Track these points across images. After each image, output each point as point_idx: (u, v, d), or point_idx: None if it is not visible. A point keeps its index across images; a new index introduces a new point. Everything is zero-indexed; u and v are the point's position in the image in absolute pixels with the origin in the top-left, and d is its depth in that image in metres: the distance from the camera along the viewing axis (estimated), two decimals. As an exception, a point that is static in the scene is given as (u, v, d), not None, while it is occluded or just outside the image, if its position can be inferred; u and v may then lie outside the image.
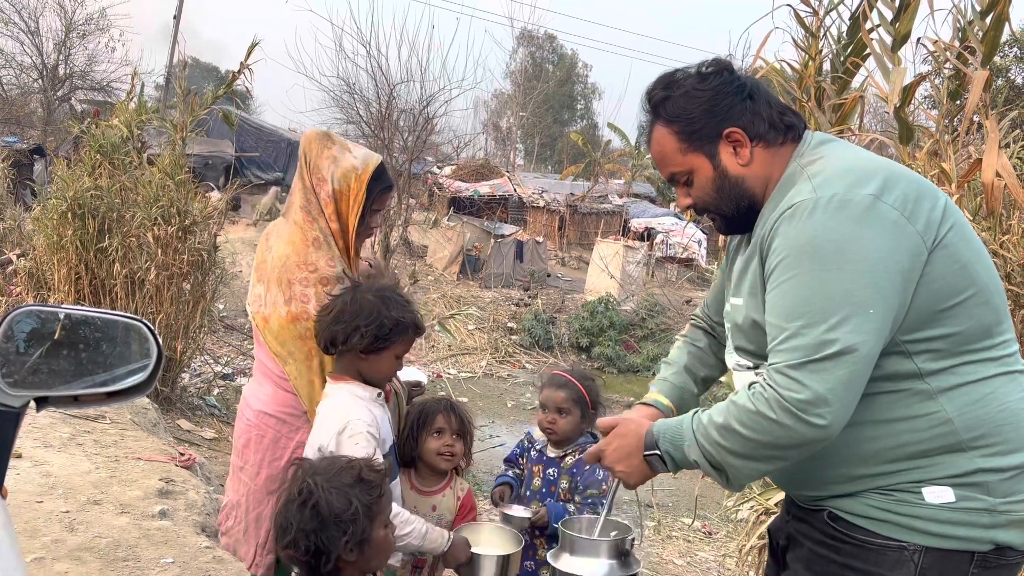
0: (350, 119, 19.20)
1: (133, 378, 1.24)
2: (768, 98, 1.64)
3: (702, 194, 1.66)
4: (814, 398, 1.37)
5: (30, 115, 24.14)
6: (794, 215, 1.46)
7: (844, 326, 1.38)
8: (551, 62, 49.01)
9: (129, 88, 7.94)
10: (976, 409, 1.44)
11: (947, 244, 1.45)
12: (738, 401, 1.46)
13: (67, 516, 3.46)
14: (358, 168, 2.27)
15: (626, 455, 1.62)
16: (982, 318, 1.47)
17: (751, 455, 1.45)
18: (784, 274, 1.45)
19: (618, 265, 19.63)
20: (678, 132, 1.62)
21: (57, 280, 6.44)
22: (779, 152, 1.62)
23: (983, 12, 3.20)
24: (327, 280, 2.20)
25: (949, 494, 1.44)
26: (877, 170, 1.49)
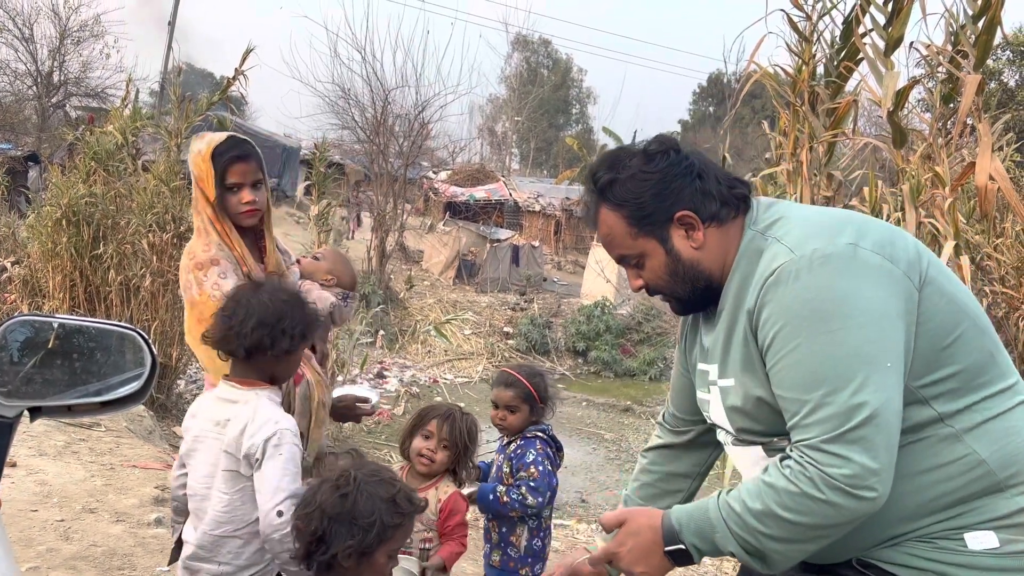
0: (345, 124, 19.24)
1: (127, 387, 1.23)
2: (717, 173, 1.58)
3: (654, 277, 1.59)
4: (861, 471, 1.30)
5: (24, 122, 24.11)
6: (779, 280, 1.40)
7: (868, 386, 1.31)
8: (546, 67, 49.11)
9: (124, 94, 7.93)
10: (1007, 445, 1.39)
11: (931, 280, 1.42)
12: (776, 484, 1.36)
13: (62, 525, 3.45)
14: (201, 150, 2.31)
15: (645, 555, 1.47)
16: (982, 348, 1.43)
17: (796, 538, 1.36)
18: (787, 344, 1.38)
19: (614, 269, 19.65)
20: (627, 217, 1.55)
21: (52, 287, 6.43)
22: (732, 227, 1.55)
23: (975, 16, 3.21)
24: (201, 264, 2.25)
25: (992, 539, 1.37)
26: (844, 219, 1.47)
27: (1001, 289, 3.47)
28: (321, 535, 1.65)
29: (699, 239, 1.54)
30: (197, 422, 2.05)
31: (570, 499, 8.28)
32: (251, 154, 2.33)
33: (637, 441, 11.17)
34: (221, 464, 1.98)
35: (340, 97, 18.60)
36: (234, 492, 1.98)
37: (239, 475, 1.98)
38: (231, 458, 1.97)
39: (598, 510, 8.00)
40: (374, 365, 12.76)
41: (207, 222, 2.32)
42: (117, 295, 6.34)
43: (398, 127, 18.46)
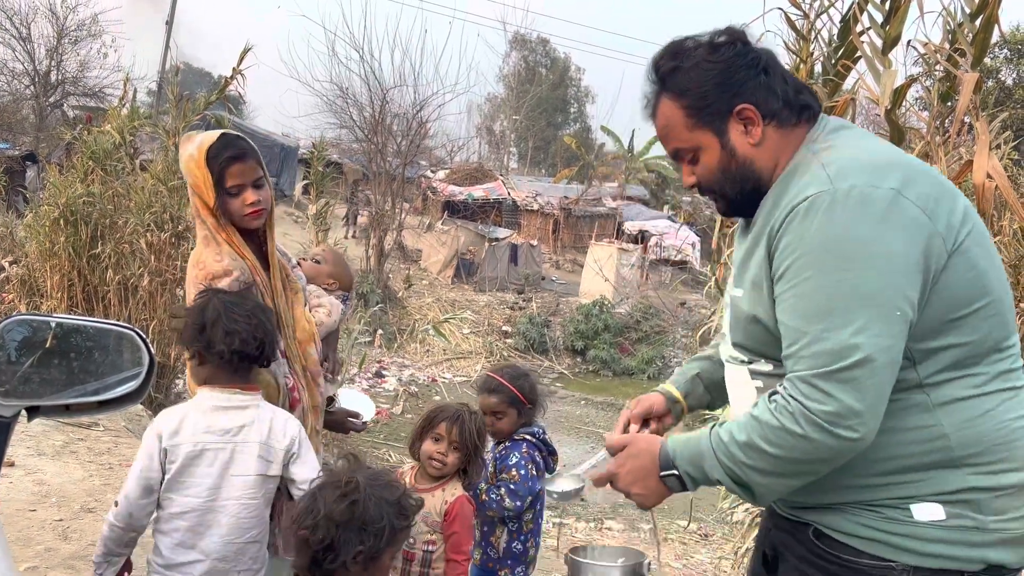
0: (343, 124, 19.25)
1: (125, 386, 1.24)
2: (784, 73, 1.53)
3: (706, 173, 1.55)
4: (844, 410, 1.30)
5: (22, 121, 24.08)
6: (810, 209, 1.36)
7: (870, 329, 1.30)
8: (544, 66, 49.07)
9: (121, 94, 7.92)
10: (974, 426, 1.37)
11: (965, 250, 1.37)
12: (761, 416, 1.38)
13: (60, 524, 3.45)
14: (194, 154, 2.14)
15: (642, 477, 1.52)
16: (992, 330, 1.40)
17: (778, 472, 1.38)
18: (802, 273, 1.35)
19: (612, 268, 19.67)
20: (686, 107, 1.51)
21: (50, 287, 6.43)
22: (791, 134, 1.51)
23: (973, 14, 3.21)
24: (212, 275, 2.10)
25: (939, 512, 1.37)
26: (898, 163, 1.41)
27: (999, 287, 3.47)
28: (330, 543, 1.63)
29: (757, 135, 1.50)
30: (188, 436, 1.96)
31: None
32: (248, 151, 2.17)
33: (636, 440, 11.17)
34: (252, 469, 1.98)
35: (338, 96, 18.64)
36: (261, 496, 2.01)
37: (267, 478, 2.01)
38: (263, 461, 1.98)
39: (596, 509, 8.00)
40: (372, 364, 12.76)
41: (211, 230, 2.17)
42: (115, 295, 6.33)
43: (396, 126, 18.47)
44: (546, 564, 5.32)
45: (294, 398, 2.18)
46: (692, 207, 25.96)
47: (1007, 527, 1.36)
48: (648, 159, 34.52)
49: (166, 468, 1.95)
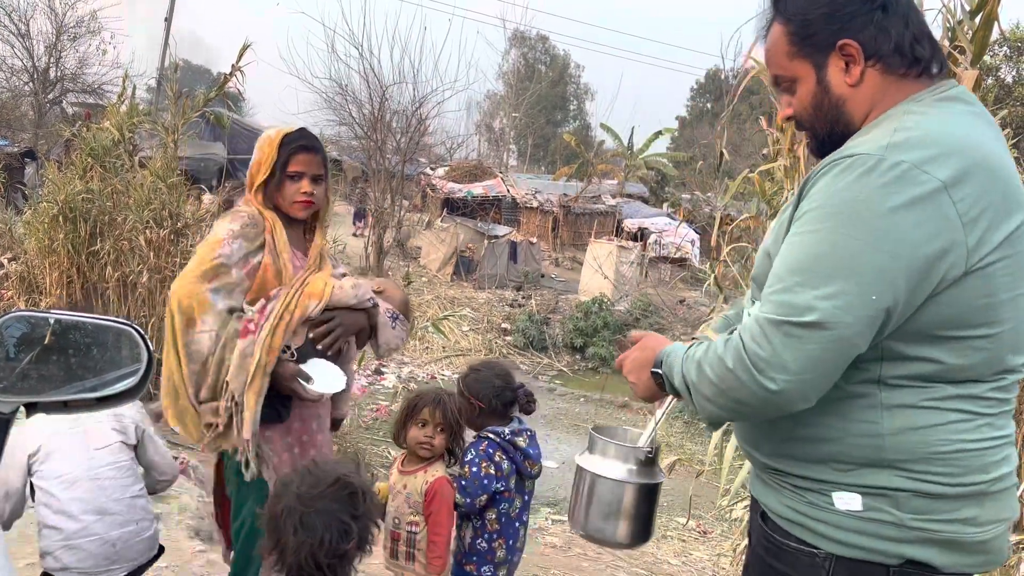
0: (342, 121, 19.23)
1: (124, 383, 1.23)
2: (909, 16, 1.42)
3: (801, 107, 1.49)
4: (773, 360, 1.28)
5: (21, 118, 24.04)
6: (850, 167, 1.30)
7: (837, 300, 1.26)
8: (543, 63, 49.07)
9: (120, 91, 7.91)
10: (912, 435, 1.34)
11: (990, 273, 1.29)
12: (714, 344, 1.40)
13: (60, 521, 3.44)
14: (272, 135, 2.34)
15: (638, 367, 1.59)
16: (980, 362, 1.33)
17: (711, 399, 1.39)
18: (809, 225, 1.33)
19: (612, 265, 19.66)
20: (791, 33, 1.45)
21: (49, 284, 6.42)
22: (898, 84, 1.41)
23: (972, 12, 3.21)
24: (225, 215, 2.35)
25: (857, 502, 1.36)
26: (971, 156, 1.30)
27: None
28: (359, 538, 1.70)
29: (856, 75, 1.42)
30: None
31: (568, 496, 8.27)
32: (318, 148, 2.37)
33: (635, 437, 11.18)
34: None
35: (337, 93, 18.61)
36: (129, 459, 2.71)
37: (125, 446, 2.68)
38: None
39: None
40: (371, 361, 12.77)
41: (241, 207, 2.38)
42: (114, 292, 6.33)
43: (396, 123, 18.45)
44: (546, 561, 5.33)
45: (247, 329, 2.20)
46: (691, 205, 25.96)
47: (929, 527, 1.34)
48: (647, 157, 34.51)
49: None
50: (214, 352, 2.20)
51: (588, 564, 5.43)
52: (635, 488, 1.70)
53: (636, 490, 1.70)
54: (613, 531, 1.73)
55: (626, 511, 1.71)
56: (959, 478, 1.34)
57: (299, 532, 1.65)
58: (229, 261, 2.25)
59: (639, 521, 1.72)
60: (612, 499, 1.71)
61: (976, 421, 1.35)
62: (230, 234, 2.26)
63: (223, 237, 2.26)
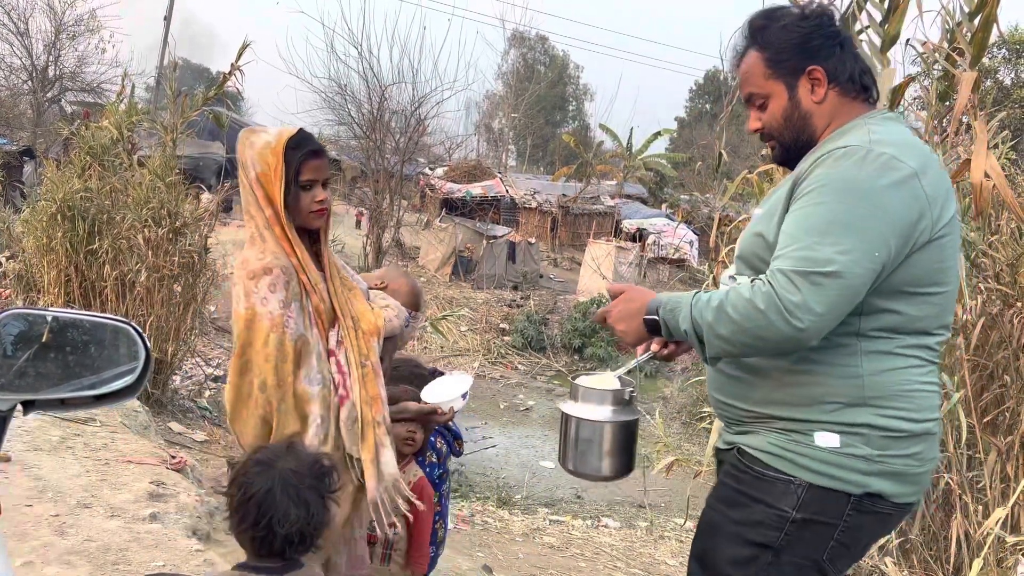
0: (342, 120, 19.23)
1: (121, 381, 1.23)
2: (857, 55, 1.80)
3: (771, 120, 1.81)
4: (803, 304, 1.53)
5: (20, 117, 24.03)
6: (845, 155, 1.62)
7: (851, 255, 1.54)
8: (543, 63, 49.06)
9: (119, 89, 7.91)
10: (885, 376, 1.65)
11: (942, 244, 1.64)
12: (738, 289, 1.61)
13: (57, 520, 3.44)
14: (271, 142, 2.10)
15: (628, 316, 1.77)
16: (930, 315, 1.67)
17: (730, 338, 1.61)
18: (818, 199, 1.60)
19: (610, 266, 19.67)
20: (767, 59, 1.78)
21: (47, 282, 6.42)
22: (849, 104, 1.78)
23: (971, 14, 3.21)
24: (252, 273, 2.02)
25: (835, 440, 1.64)
26: (924, 154, 1.68)
27: (996, 286, 3.48)
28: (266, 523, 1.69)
29: (820, 95, 1.77)
30: None
31: (566, 495, 8.29)
32: (323, 150, 2.18)
33: (633, 438, 11.18)
34: None
35: (336, 93, 18.60)
36: None
37: None
38: None
39: (593, 506, 8.01)
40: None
41: (263, 226, 2.09)
42: (112, 290, 6.32)
43: (395, 123, 18.45)
44: (543, 561, 5.33)
45: (341, 396, 2.08)
46: (690, 206, 25.97)
47: (888, 462, 1.65)
48: (646, 157, 34.50)
49: None
50: (326, 439, 2.04)
51: (586, 564, 5.43)
52: (614, 426, 1.91)
53: (615, 428, 1.91)
54: (598, 466, 1.94)
55: (608, 448, 1.92)
56: (916, 413, 1.66)
57: (295, 507, 1.70)
58: (299, 329, 2.03)
59: (621, 456, 1.93)
60: (594, 438, 1.93)
61: (927, 367, 1.70)
62: (282, 303, 2.01)
63: (279, 312, 2.00)
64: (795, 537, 1.67)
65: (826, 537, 1.67)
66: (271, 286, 2.00)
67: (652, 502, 7.99)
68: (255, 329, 1.98)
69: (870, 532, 1.72)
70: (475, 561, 4.91)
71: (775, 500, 1.68)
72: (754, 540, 1.70)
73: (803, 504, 1.65)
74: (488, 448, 9.67)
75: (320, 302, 2.10)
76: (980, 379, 3.46)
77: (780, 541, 1.68)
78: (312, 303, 2.09)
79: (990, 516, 2.87)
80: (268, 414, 1.99)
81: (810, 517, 1.66)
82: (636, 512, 7.78)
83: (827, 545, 1.67)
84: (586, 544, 6.06)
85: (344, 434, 2.06)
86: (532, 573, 4.96)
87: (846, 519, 1.66)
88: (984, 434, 3.32)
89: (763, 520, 1.69)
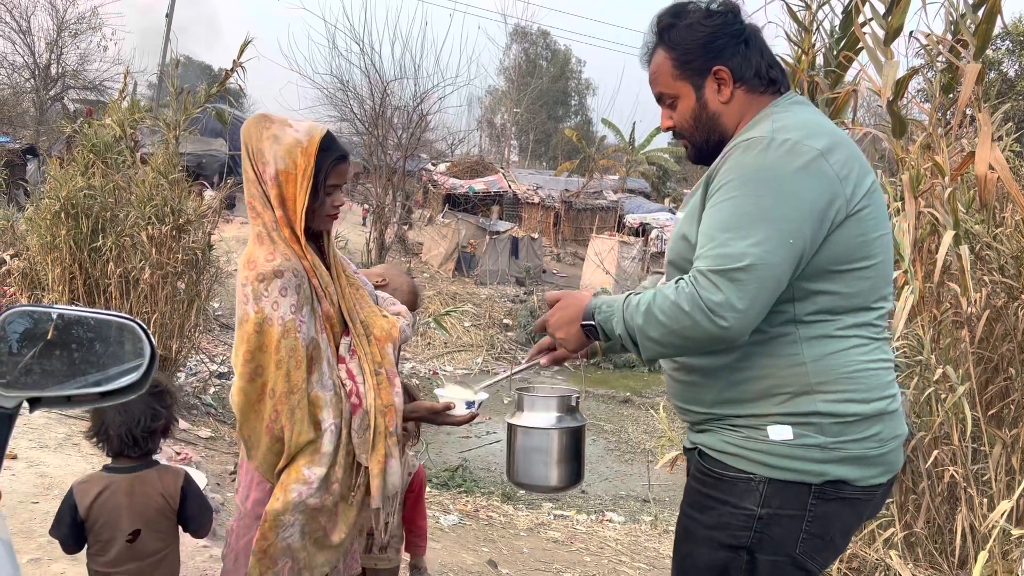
0: (344, 116, 19.21)
1: (127, 378, 1.23)
2: (762, 48, 1.79)
3: (681, 120, 1.82)
4: (724, 303, 1.53)
5: (22, 115, 24.06)
6: (749, 147, 1.63)
7: (764, 245, 1.54)
8: (545, 58, 48.97)
9: (122, 87, 7.90)
10: (828, 359, 1.64)
11: (861, 217, 1.64)
12: (663, 292, 1.62)
13: (63, 516, 3.45)
14: (303, 141, 2.00)
15: (566, 323, 1.78)
16: (865, 290, 1.66)
17: (660, 340, 1.62)
18: (727, 194, 1.61)
19: (613, 260, 19.66)
20: (674, 59, 1.78)
21: (51, 280, 6.43)
22: (758, 99, 1.78)
23: (975, 5, 3.20)
24: (262, 276, 1.92)
25: (788, 432, 1.64)
26: (830, 134, 1.67)
27: (1000, 279, 3.46)
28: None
29: (726, 95, 1.77)
30: None
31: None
32: (349, 155, 2.11)
33: (636, 432, 11.19)
34: None
35: (338, 89, 18.61)
36: None
37: None
38: None
39: (597, 501, 8.02)
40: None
41: (272, 226, 1.99)
42: (116, 288, 6.33)
43: (397, 119, 18.45)
44: (548, 556, 5.34)
45: (353, 404, 2.03)
46: (693, 200, 25.93)
47: (845, 447, 1.64)
48: (649, 152, 34.46)
49: None
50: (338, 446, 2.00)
51: (590, 559, 5.44)
52: (561, 433, 1.91)
53: (562, 435, 1.91)
54: (547, 475, 1.92)
55: (557, 456, 1.91)
56: (865, 394, 1.65)
57: (121, 415, 2.16)
58: (311, 333, 1.98)
59: (570, 464, 1.93)
60: (542, 446, 1.92)
61: (870, 345, 1.68)
62: (294, 308, 1.95)
63: (291, 316, 1.94)
64: (765, 535, 1.66)
65: (795, 530, 1.66)
66: (282, 289, 1.93)
67: (656, 496, 7.99)
68: (266, 333, 1.91)
69: (842, 519, 1.70)
70: (480, 556, 4.92)
71: (739, 500, 1.67)
72: (726, 543, 1.69)
73: (766, 500, 1.65)
74: (492, 443, 9.68)
75: (330, 306, 2.04)
76: (985, 372, 3.45)
77: (751, 540, 1.67)
78: (323, 308, 2.03)
79: (995, 509, 2.86)
80: (275, 422, 1.92)
81: (775, 512, 1.65)
82: (640, 507, 7.79)
83: (798, 538, 1.66)
84: (591, 538, 6.06)
85: (355, 441, 2.02)
86: (537, 568, 4.96)
87: (811, 509, 1.65)
88: (989, 427, 3.31)
89: (731, 522, 1.68)
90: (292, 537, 1.97)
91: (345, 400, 2.03)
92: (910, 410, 3.20)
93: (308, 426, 1.96)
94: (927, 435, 3.21)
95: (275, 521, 1.94)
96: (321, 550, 2.04)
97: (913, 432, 3.22)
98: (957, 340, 3.38)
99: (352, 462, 2.05)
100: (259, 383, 1.92)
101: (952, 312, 3.43)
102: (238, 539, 2.07)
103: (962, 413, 3.08)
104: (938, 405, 3.18)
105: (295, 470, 1.96)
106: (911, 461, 3.26)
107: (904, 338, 3.19)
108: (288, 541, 1.96)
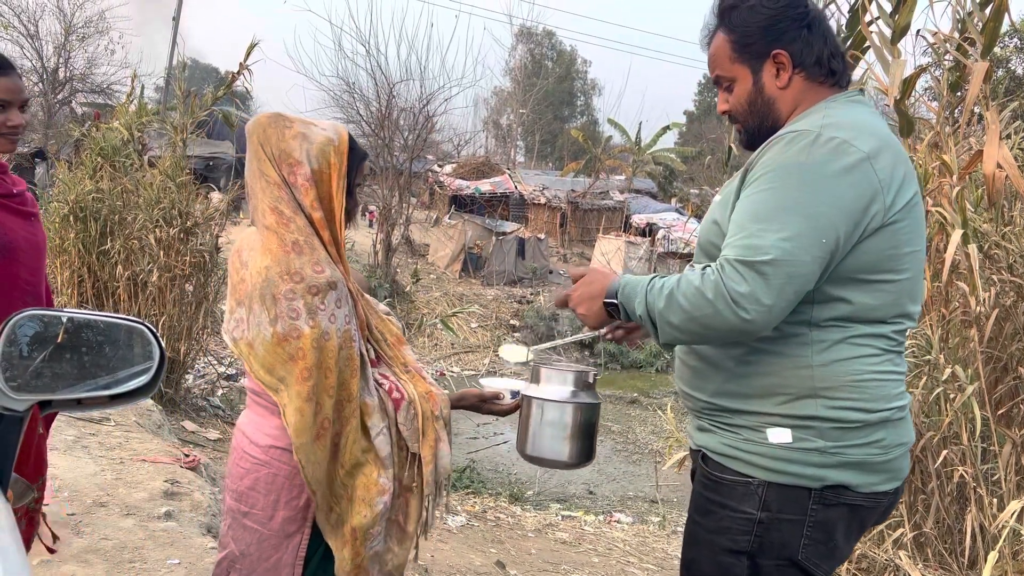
0: (350, 118, 19.25)
1: (136, 381, 1.24)
2: (826, 35, 1.74)
3: (737, 104, 1.78)
4: (749, 294, 1.50)
5: (31, 119, 24.16)
6: (794, 140, 1.59)
7: (794, 241, 1.51)
8: (550, 59, 48.97)
9: (129, 90, 7.94)
10: (836, 366, 1.61)
11: (896, 230, 1.60)
12: (688, 278, 1.59)
13: (73, 518, 3.47)
14: (334, 140, 1.93)
15: (589, 299, 1.75)
16: (886, 304, 1.63)
17: (678, 325, 1.59)
18: (765, 184, 1.58)
19: (620, 261, 19.64)
20: (733, 42, 1.74)
21: (60, 283, 6.46)
22: (816, 89, 1.73)
23: (982, 3, 3.19)
24: (317, 289, 1.83)
25: (787, 435, 1.62)
26: (881, 138, 1.62)
27: (1009, 277, 3.45)
28: None
29: (784, 80, 1.72)
30: None
31: (577, 491, 8.29)
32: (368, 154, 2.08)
33: (644, 432, 11.18)
34: None
35: (345, 91, 18.64)
36: None
37: None
38: None
39: (605, 502, 8.01)
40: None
41: (310, 233, 1.88)
42: (125, 290, 6.36)
43: (403, 121, 18.47)
44: (556, 556, 5.33)
45: (395, 399, 2.00)
46: (700, 199, 25.88)
47: (845, 453, 1.61)
48: (655, 152, 34.41)
49: None
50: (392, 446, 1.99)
51: (598, 559, 5.44)
52: (576, 407, 1.87)
53: (577, 409, 1.87)
54: (560, 450, 1.89)
55: (571, 431, 1.88)
56: (870, 403, 1.61)
57: None
58: (360, 341, 1.95)
59: (583, 441, 1.89)
60: (557, 420, 1.89)
61: (881, 356, 1.64)
62: (347, 318, 1.90)
63: (345, 327, 1.88)
64: (765, 539, 1.64)
65: (796, 535, 1.63)
66: (338, 301, 1.86)
67: (664, 497, 7.98)
68: (324, 349, 1.83)
69: (843, 525, 1.66)
70: (488, 557, 4.92)
71: (738, 503, 1.65)
72: (727, 547, 1.67)
73: (765, 504, 1.63)
74: (500, 444, 9.68)
75: (364, 317, 2.00)
76: (994, 371, 3.44)
77: (751, 545, 1.65)
78: (358, 313, 1.98)
79: (1005, 509, 2.85)
80: (337, 434, 1.88)
81: (775, 516, 1.63)
82: (648, 507, 7.78)
83: (799, 543, 1.63)
84: (599, 539, 6.06)
85: (405, 433, 1.99)
86: (545, 569, 4.96)
87: (811, 514, 1.62)
88: (999, 426, 3.30)
89: (731, 526, 1.66)
90: (378, 544, 1.97)
91: (387, 400, 2.00)
92: (919, 410, 3.19)
93: (361, 434, 1.94)
94: (936, 435, 3.19)
95: (365, 535, 1.93)
96: (400, 544, 2.05)
97: (922, 432, 3.21)
98: (966, 339, 3.36)
99: (406, 456, 2.03)
100: (318, 399, 1.85)
101: (961, 311, 3.42)
102: (259, 561, 1.99)
103: (971, 413, 3.07)
104: (947, 405, 3.17)
105: (370, 482, 1.93)
106: (920, 461, 3.25)
107: (913, 337, 3.18)
108: (376, 549, 1.96)
